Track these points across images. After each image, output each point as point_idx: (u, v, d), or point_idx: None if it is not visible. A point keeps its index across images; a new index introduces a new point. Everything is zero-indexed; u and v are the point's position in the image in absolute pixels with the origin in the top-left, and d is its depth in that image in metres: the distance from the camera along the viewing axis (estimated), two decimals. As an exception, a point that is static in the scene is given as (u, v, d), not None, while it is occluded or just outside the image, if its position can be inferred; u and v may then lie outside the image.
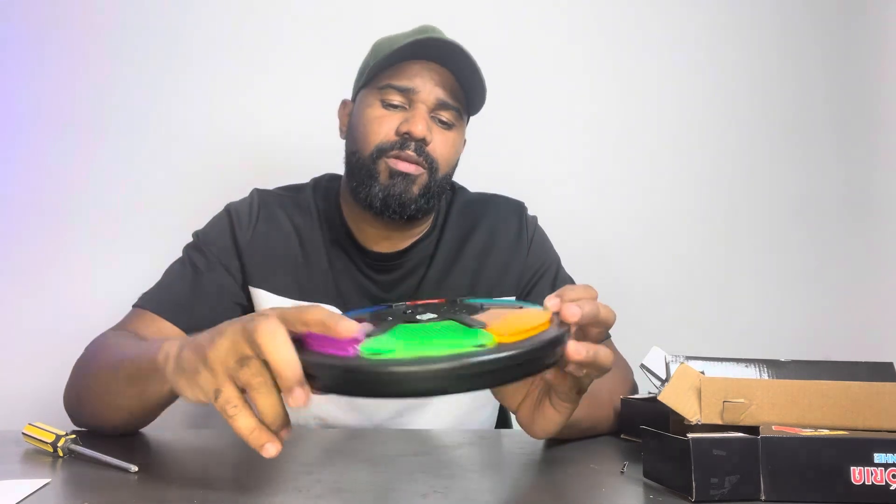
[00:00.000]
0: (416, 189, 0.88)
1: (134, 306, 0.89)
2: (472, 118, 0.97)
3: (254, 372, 0.52)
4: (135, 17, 1.34)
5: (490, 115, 1.39)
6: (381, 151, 0.88)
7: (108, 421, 0.74)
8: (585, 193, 1.43)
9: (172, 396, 0.66)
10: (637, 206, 1.44)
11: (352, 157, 0.91)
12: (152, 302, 0.88)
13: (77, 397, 0.78)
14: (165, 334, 0.84)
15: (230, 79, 1.35)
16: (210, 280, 0.91)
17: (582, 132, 1.44)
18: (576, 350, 0.54)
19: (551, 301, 0.56)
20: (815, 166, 1.48)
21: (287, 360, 0.50)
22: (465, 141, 0.97)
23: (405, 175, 0.87)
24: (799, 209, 1.47)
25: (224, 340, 0.54)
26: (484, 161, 1.36)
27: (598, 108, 1.45)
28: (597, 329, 0.60)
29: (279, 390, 0.52)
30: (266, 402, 0.52)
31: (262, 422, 0.53)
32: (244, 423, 0.53)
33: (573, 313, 0.54)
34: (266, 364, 0.52)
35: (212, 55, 1.35)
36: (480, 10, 1.42)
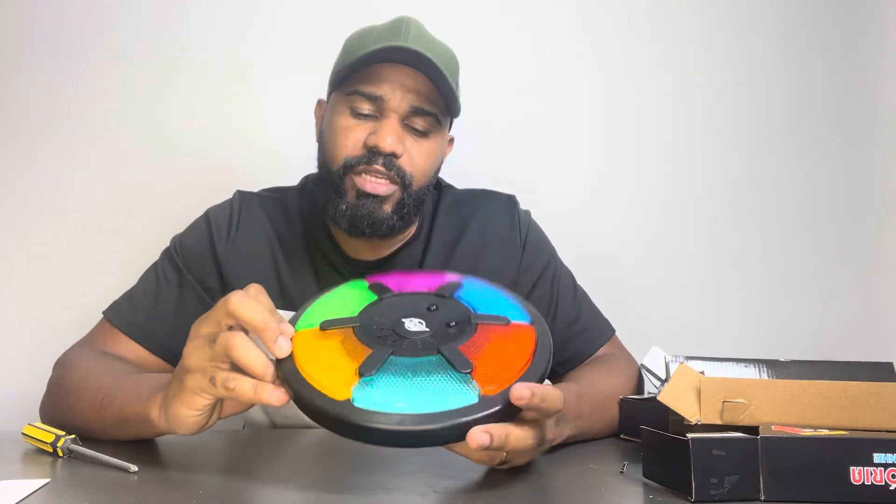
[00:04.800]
0: (387, 207, 0.83)
1: (104, 314, 0.89)
2: (471, 110, 0.94)
3: (227, 336, 0.57)
4: (118, 19, 1.33)
5: (489, 112, 1.40)
6: (349, 167, 0.82)
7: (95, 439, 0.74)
8: (585, 193, 1.43)
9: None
10: (637, 205, 1.44)
11: (322, 169, 0.87)
12: (119, 318, 0.87)
13: (57, 421, 0.76)
14: (132, 352, 0.86)
15: (212, 80, 1.34)
16: (179, 296, 0.89)
17: (582, 130, 1.44)
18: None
19: (519, 394, 0.55)
20: (816, 166, 1.48)
21: (263, 316, 0.58)
22: (451, 140, 0.93)
23: (374, 196, 0.82)
24: (799, 209, 1.47)
25: (190, 343, 0.60)
26: (483, 158, 1.36)
27: (599, 106, 1.45)
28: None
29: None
30: (249, 354, 0.56)
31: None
32: (245, 385, 0.57)
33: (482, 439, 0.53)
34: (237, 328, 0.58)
35: (195, 56, 1.34)
36: (479, 5, 1.42)
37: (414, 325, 0.61)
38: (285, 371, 0.57)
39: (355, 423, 0.53)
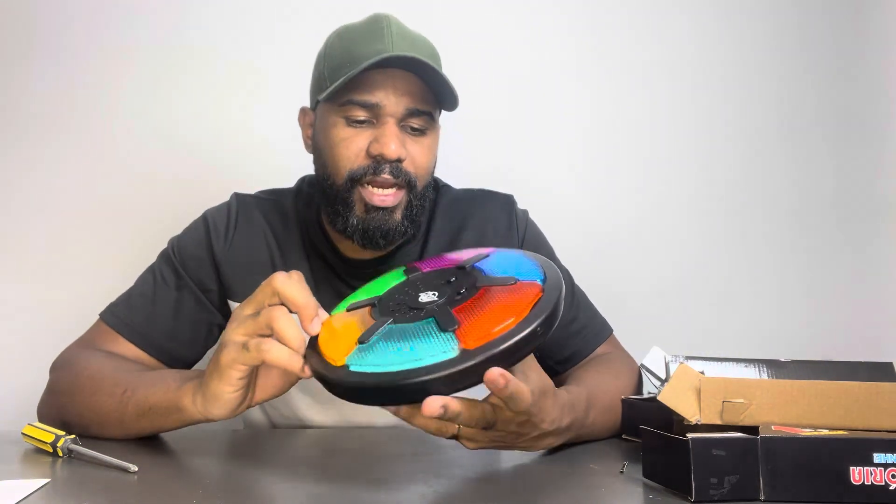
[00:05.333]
0: (397, 215, 0.84)
1: (101, 316, 0.89)
2: (469, 110, 0.94)
3: (271, 308, 0.61)
4: (118, 21, 1.33)
5: (487, 111, 1.40)
6: (355, 180, 0.82)
7: (104, 437, 0.74)
8: (584, 193, 1.43)
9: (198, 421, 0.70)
10: (637, 205, 1.44)
11: (325, 182, 0.86)
12: (116, 319, 0.87)
13: (62, 420, 0.77)
14: (129, 353, 0.86)
15: (212, 81, 1.34)
16: (176, 298, 0.89)
17: (581, 130, 1.44)
18: (493, 380, 0.55)
19: (493, 378, 0.55)
20: (815, 166, 1.48)
21: (305, 296, 0.62)
22: (439, 128, 0.92)
23: (383, 208, 0.82)
24: (799, 209, 1.47)
25: (231, 324, 0.64)
26: (482, 157, 1.36)
27: (597, 106, 1.45)
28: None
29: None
30: (288, 327, 0.60)
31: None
32: (280, 351, 0.60)
33: (432, 408, 0.54)
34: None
35: (195, 57, 1.34)
36: (479, 5, 1.42)
37: (427, 297, 0.63)
38: (308, 349, 0.61)
39: (346, 385, 0.57)
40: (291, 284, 0.62)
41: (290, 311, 0.62)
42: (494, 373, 0.54)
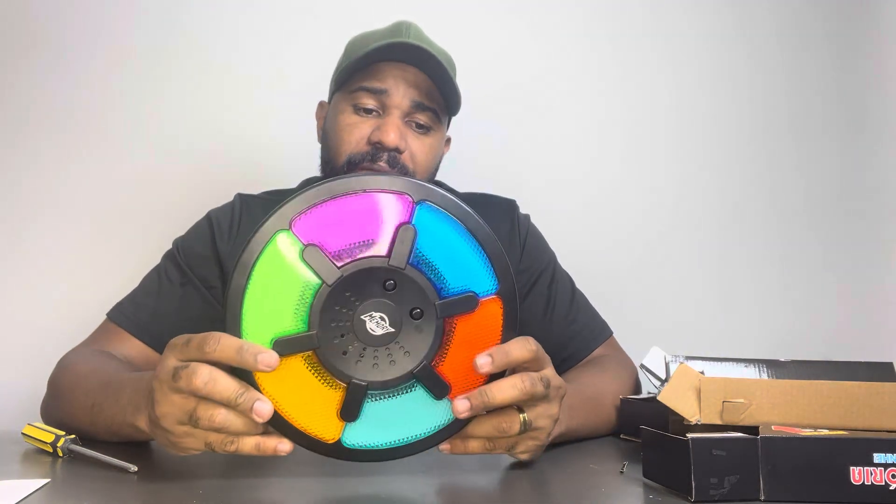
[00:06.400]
0: None
1: (107, 315, 0.89)
2: (468, 112, 0.95)
3: (212, 415, 0.55)
4: (120, 21, 1.33)
5: (488, 111, 1.40)
6: (353, 163, 0.84)
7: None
8: (585, 193, 1.43)
9: None
10: (636, 205, 1.44)
11: (325, 167, 0.88)
12: (122, 317, 0.88)
13: (57, 422, 0.76)
14: (136, 349, 0.86)
15: (215, 82, 1.34)
16: (182, 295, 0.89)
17: (582, 131, 1.44)
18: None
19: (482, 361, 0.57)
20: (815, 166, 1.48)
21: (232, 391, 0.54)
22: (448, 140, 0.94)
23: None
24: (799, 209, 1.47)
25: (161, 406, 0.56)
26: (482, 158, 1.36)
27: (599, 107, 1.45)
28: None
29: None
30: (238, 427, 0.55)
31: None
32: (246, 445, 0.56)
33: (462, 409, 0.57)
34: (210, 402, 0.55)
35: (195, 56, 1.34)
36: (480, 4, 1.42)
37: (376, 323, 0.57)
38: (274, 423, 0.57)
39: (346, 458, 0.59)
40: (215, 385, 0.54)
41: None
42: (461, 403, 0.57)
